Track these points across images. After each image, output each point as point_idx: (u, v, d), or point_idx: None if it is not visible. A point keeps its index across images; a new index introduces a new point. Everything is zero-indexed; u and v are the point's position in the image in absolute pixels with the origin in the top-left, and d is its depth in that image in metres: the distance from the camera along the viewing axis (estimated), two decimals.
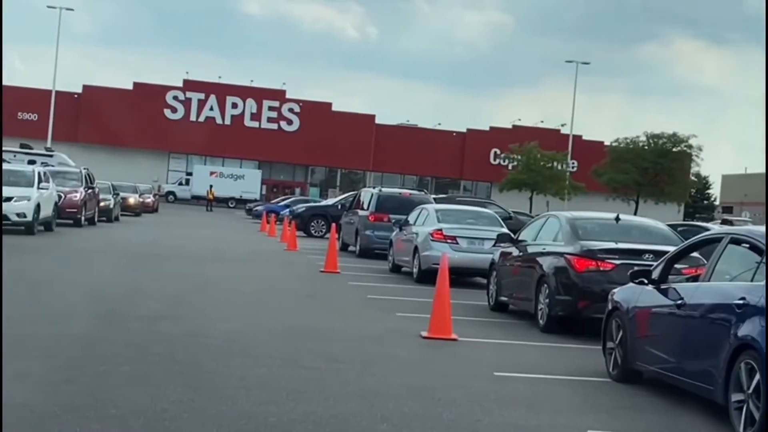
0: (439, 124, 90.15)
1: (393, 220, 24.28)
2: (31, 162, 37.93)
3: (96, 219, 33.55)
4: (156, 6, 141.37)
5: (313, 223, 37.12)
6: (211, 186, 70.92)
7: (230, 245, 29.24)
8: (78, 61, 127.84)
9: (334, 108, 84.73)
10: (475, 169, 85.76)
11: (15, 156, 41.93)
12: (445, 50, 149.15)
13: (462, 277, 18.45)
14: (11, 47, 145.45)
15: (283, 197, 62.87)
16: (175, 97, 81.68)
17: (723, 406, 7.55)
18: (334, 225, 25.45)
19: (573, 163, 72.44)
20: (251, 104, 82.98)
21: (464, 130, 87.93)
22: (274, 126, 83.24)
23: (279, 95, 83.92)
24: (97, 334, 10.26)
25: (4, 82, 79.33)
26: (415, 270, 19.66)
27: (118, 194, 39.57)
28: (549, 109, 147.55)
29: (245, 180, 78.62)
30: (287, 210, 42.84)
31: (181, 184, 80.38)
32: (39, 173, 27.37)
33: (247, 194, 75.44)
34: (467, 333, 11.84)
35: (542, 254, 13.42)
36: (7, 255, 19.70)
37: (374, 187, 31.98)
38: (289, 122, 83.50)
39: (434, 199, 29.94)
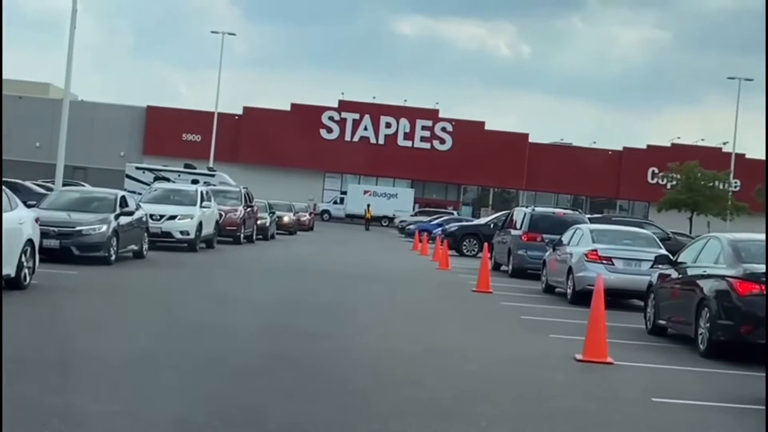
0: (594, 142, 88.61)
1: (546, 240, 23.98)
2: (195, 181, 39.43)
3: (254, 237, 34.50)
4: (313, 30, 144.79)
5: (465, 242, 37.08)
6: (368, 205, 71.75)
7: (382, 264, 29.51)
8: (239, 83, 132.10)
9: (487, 127, 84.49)
10: (631, 189, 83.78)
11: (179, 176, 43.70)
12: (600, 67, 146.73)
13: (618, 299, 18.04)
14: (177, 72, 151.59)
15: (436, 216, 63.05)
16: (331, 118, 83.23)
17: None
18: (486, 244, 25.34)
19: (736, 183, 69.78)
20: (404, 123, 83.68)
21: (620, 149, 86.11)
22: (427, 145, 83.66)
23: (432, 114, 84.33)
24: (255, 348, 10.52)
25: (174, 105, 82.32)
26: (569, 291, 19.35)
27: (274, 212, 40.56)
28: (709, 127, 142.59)
29: (398, 199, 79.24)
30: (440, 229, 42.93)
31: (335, 202, 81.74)
32: (201, 192, 28.38)
33: (400, 213, 76.00)
34: (623, 357, 11.55)
35: (703, 277, 12.98)
36: (171, 271, 20.50)
37: (527, 206, 31.70)
38: (442, 141, 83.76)
39: (589, 218, 29.42)
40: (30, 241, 14.74)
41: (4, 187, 14.86)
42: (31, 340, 10.22)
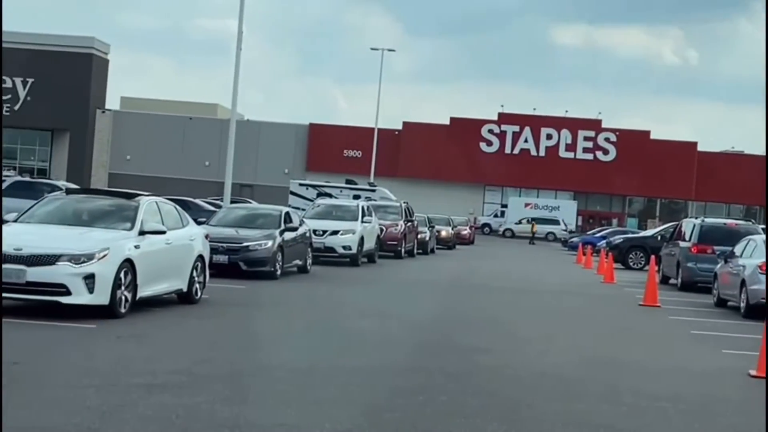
0: None
1: (718, 252, 23.10)
2: (356, 197, 40.02)
3: (414, 251, 34.68)
4: (471, 42, 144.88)
5: (631, 255, 36.15)
6: (533, 219, 70.92)
7: (545, 277, 29.12)
8: (398, 98, 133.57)
9: (653, 136, 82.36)
10: None
11: (341, 191, 44.49)
12: None
13: None
14: (338, 89, 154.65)
15: (600, 228, 61.84)
16: (490, 131, 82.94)
17: None
18: (653, 257, 24.63)
19: None
20: (566, 135, 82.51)
21: None
22: (590, 156, 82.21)
23: (594, 125, 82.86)
24: (417, 364, 10.54)
25: (334, 122, 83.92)
26: (742, 304, 18.56)
27: (433, 227, 40.65)
28: None
29: (560, 211, 78.12)
30: (604, 241, 42.04)
31: (496, 216, 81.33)
32: (363, 207, 28.75)
33: (561, 226, 74.90)
34: None
35: None
36: (334, 286, 20.83)
37: (697, 217, 30.66)
38: (605, 152, 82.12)
39: (763, 229, 28.18)
40: (201, 257, 15.27)
41: (176, 206, 15.48)
42: (202, 353, 10.56)
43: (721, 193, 79.98)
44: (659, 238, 34.34)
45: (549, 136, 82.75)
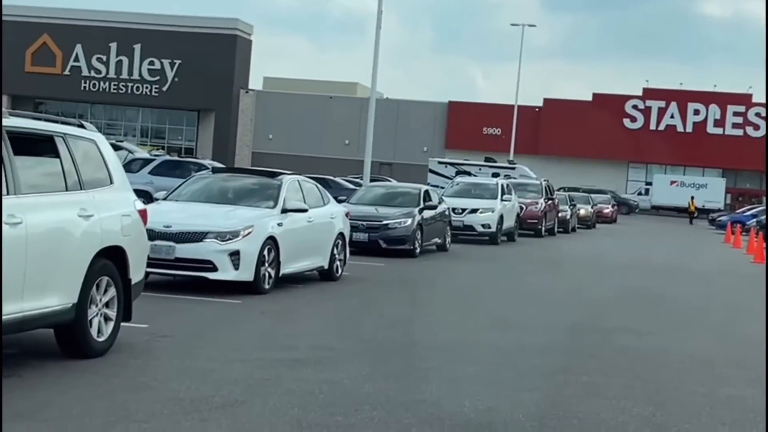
0: None
1: None
2: (495, 175, 39.79)
3: (555, 229, 34.26)
4: (614, 16, 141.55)
5: None
6: (692, 197, 68.89)
7: (690, 257, 28.31)
8: (538, 75, 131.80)
9: None
10: None
11: (480, 169, 44.27)
12: None
13: None
14: (477, 66, 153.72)
15: (749, 206, 59.65)
16: (635, 107, 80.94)
17: None
18: None
19: None
20: (714, 110, 79.77)
21: None
22: (740, 132, 79.27)
23: (745, 100, 79.80)
24: (560, 344, 10.42)
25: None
26: None
27: (575, 205, 40.01)
28: None
29: (707, 189, 75.68)
30: (754, 219, 40.56)
31: (640, 194, 79.45)
32: (502, 186, 28.56)
33: (709, 204, 72.55)
34: None
35: None
36: (474, 264, 20.78)
37: None
38: (756, 127, 79.02)
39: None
40: (341, 235, 15.50)
41: (317, 184, 15.74)
42: (344, 329, 10.73)
43: None
44: None
45: (696, 112, 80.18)
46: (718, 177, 79.13)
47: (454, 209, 25.15)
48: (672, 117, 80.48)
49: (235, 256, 12.48)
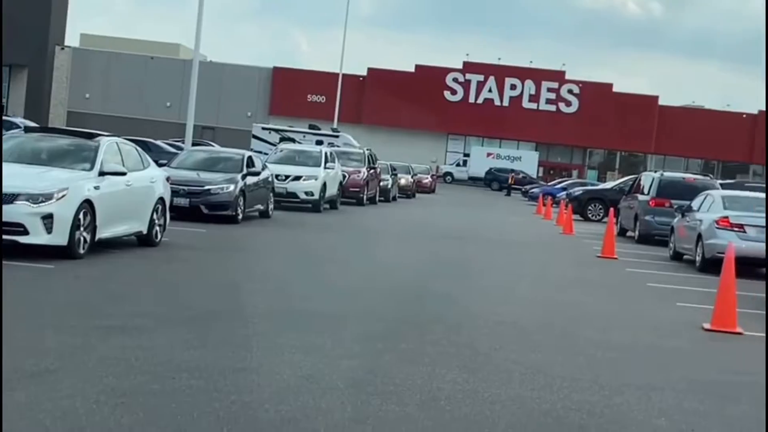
0: (728, 105, 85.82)
1: (675, 206, 23.36)
2: (319, 142, 39.89)
3: (377, 198, 34.71)
4: None
5: (590, 207, 36.49)
6: (512, 171, 70.88)
7: (505, 227, 29.32)
8: (363, 44, 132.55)
9: (615, 89, 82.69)
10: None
11: (305, 137, 44.26)
12: (733, 26, 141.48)
13: (749, 267, 17.46)
14: (302, 32, 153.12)
15: (560, 180, 62.23)
16: (455, 79, 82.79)
17: None
18: (612, 209, 24.87)
19: None
20: (530, 85, 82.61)
21: (755, 112, 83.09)
22: (553, 107, 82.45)
23: (558, 76, 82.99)
24: (380, 312, 10.59)
25: (297, 66, 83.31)
26: (697, 258, 18.83)
27: (396, 174, 40.64)
28: None
29: (522, 162, 78.48)
30: (564, 192, 42.35)
31: (458, 165, 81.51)
32: (326, 154, 28.67)
33: (523, 176, 75.30)
34: (754, 327, 11.18)
35: None
36: (296, 231, 20.83)
37: (656, 171, 30.94)
38: (568, 103, 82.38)
39: (720, 184, 28.51)
40: (161, 200, 15.18)
41: (137, 147, 15.34)
42: (162, 296, 10.54)
43: (680, 147, 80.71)
44: (618, 190, 34.67)
45: (513, 87, 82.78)
46: (532, 150, 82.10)
47: (277, 176, 25.07)
48: (490, 91, 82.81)
49: (48, 219, 12.01)
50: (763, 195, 21.84)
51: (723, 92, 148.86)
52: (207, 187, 20.07)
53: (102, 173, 13.28)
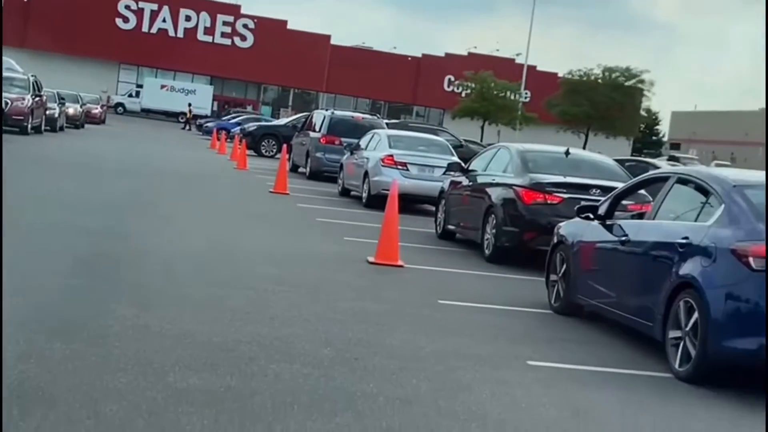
0: (395, 48, 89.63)
1: (344, 144, 24.21)
2: None
3: (42, 128, 32.98)
4: None
5: (264, 143, 36.90)
6: (190, 104, 69.26)
7: (178, 161, 28.99)
8: None
9: (290, 26, 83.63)
10: (428, 95, 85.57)
11: None
12: None
13: (411, 203, 18.53)
14: None
15: (234, 114, 62.24)
16: (128, 7, 79.94)
17: (660, 342, 7.74)
18: (285, 145, 25.33)
19: (526, 94, 72.50)
20: (205, 18, 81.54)
21: (419, 55, 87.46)
22: (228, 41, 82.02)
23: (234, 10, 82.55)
24: (44, 246, 10.16)
25: None
26: (364, 195, 19.70)
27: (64, 103, 38.73)
28: (506, 38, 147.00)
29: (196, 95, 77.55)
30: (238, 128, 42.47)
31: (131, 96, 79.12)
32: None
33: (197, 110, 74.49)
34: (414, 260, 11.93)
35: (491, 185, 13.51)
36: None
37: (327, 109, 31.80)
38: (243, 38, 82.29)
39: (387, 124, 29.86)
40: None
41: None
42: None
43: (351, 86, 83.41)
44: (291, 127, 35.33)
45: (188, 18, 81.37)
46: (207, 84, 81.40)
47: None
48: (164, 21, 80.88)
49: None
50: (425, 136, 23.16)
51: (391, 35, 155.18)
52: None
53: None
